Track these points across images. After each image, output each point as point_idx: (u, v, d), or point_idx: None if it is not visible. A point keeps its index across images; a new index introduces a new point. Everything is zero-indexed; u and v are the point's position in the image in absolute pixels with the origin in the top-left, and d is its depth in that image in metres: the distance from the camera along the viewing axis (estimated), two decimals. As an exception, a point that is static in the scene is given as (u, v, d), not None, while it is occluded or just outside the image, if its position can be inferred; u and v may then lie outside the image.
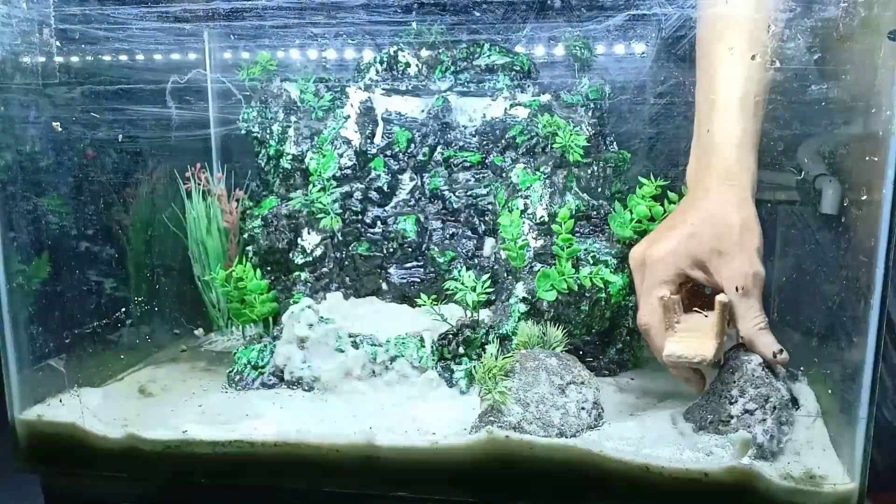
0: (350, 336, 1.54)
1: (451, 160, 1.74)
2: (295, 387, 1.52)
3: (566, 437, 1.22)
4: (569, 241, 1.48)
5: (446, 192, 1.73)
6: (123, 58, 1.82)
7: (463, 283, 1.51)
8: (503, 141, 1.73)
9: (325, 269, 1.75)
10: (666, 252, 1.29)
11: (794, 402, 1.32)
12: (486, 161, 1.74)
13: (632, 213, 1.52)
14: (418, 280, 1.72)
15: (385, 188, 1.74)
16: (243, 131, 1.87)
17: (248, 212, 1.89)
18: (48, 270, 1.54)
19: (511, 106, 1.74)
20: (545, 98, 1.74)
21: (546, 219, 1.58)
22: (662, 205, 1.51)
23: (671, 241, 1.30)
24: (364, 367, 1.50)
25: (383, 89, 1.81)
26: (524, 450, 1.19)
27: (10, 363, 1.41)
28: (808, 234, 1.56)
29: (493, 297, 1.63)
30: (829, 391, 1.35)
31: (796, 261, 1.63)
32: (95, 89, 1.72)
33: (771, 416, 1.20)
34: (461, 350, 1.49)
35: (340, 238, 1.74)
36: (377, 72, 1.81)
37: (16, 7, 1.46)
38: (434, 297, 1.55)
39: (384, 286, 1.74)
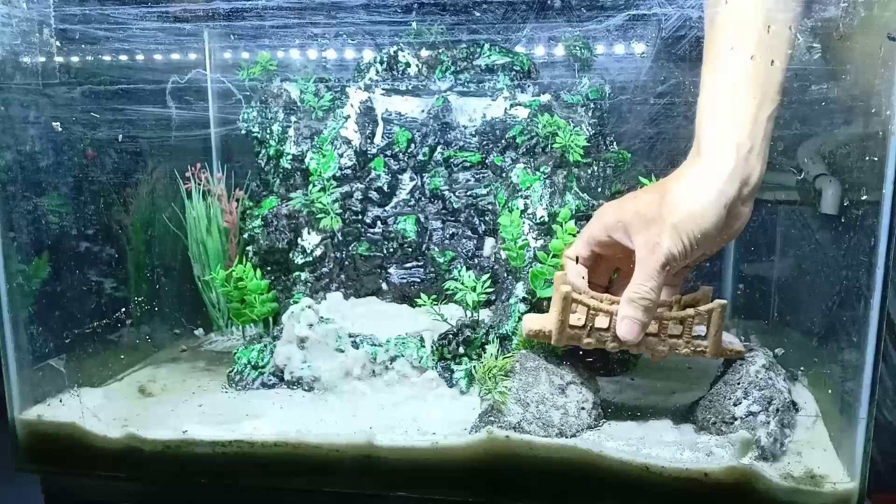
0: (350, 336, 1.54)
1: (451, 160, 1.74)
2: (295, 387, 1.52)
3: (566, 437, 1.22)
4: (569, 242, 1.48)
5: (446, 192, 1.73)
6: (123, 58, 1.82)
7: (463, 283, 1.51)
8: (503, 141, 1.72)
9: (325, 269, 1.75)
10: (604, 208, 1.31)
11: (794, 404, 1.32)
12: (486, 161, 1.74)
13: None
14: (418, 280, 1.72)
15: (385, 188, 1.74)
16: (243, 131, 1.87)
17: (248, 212, 1.89)
18: (48, 270, 1.54)
19: (511, 106, 1.74)
20: (545, 98, 1.74)
21: (546, 219, 1.58)
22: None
23: (617, 201, 1.30)
24: (364, 367, 1.50)
25: (383, 89, 1.81)
26: (524, 450, 1.19)
27: (10, 363, 1.41)
28: (808, 234, 1.56)
29: (493, 297, 1.63)
30: (830, 391, 1.35)
31: (796, 261, 1.64)
32: (95, 89, 1.72)
33: (774, 419, 1.20)
34: (461, 350, 1.49)
35: (340, 238, 1.74)
36: (377, 72, 1.81)
37: (16, 7, 1.46)
38: (434, 297, 1.55)
39: (384, 286, 1.74)
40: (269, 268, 1.80)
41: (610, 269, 1.36)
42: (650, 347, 1.22)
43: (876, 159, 1.09)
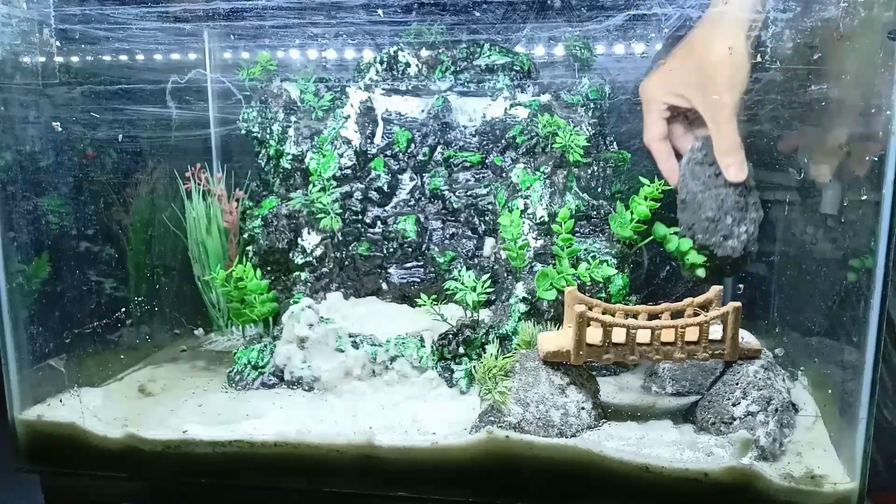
0: (350, 336, 1.54)
1: (451, 160, 1.74)
2: (295, 387, 1.52)
3: (566, 437, 1.22)
4: (569, 241, 1.48)
5: (446, 192, 1.73)
6: (123, 58, 1.82)
7: (463, 283, 1.51)
8: (503, 141, 1.72)
9: (325, 269, 1.75)
10: (650, 85, 1.52)
11: (793, 405, 1.32)
12: (486, 161, 1.74)
13: (632, 213, 1.52)
14: (418, 280, 1.72)
15: (385, 188, 1.74)
16: (243, 131, 1.87)
17: (248, 212, 1.89)
18: (48, 270, 1.54)
19: (511, 106, 1.74)
20: (545, 98, 1.74)
21: (546, 219, 1.58)
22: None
23: (657, 73, 1.51)
24: (364, 367, 1.50)
25: (383, 89, 1.81)
26: (524, 450, 1.19)
27: (10, 363, 1.41)
28: (808, 233, 1.56)
29: (493, 297, 1.63)
30: (830, 391, 1.35)
31: (795, 260, 1.63)
32: (95, 89, 1.72)
33: (773, 419, 1.20)
34: (461, 350, 1.49)
35: (340, 238, 1.74)
36: (377, 72, 1.81)
37: (16, 7, 1.46)
38: (434, 297, 1.55)
39: (384, 286, 1.74)
40: (269, 268, 1.80)
41: (686, 126, 1.53)
42: (668, 356, 1.23)
43: (876, 159, 1.09)
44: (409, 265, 1.72)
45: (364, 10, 1.65)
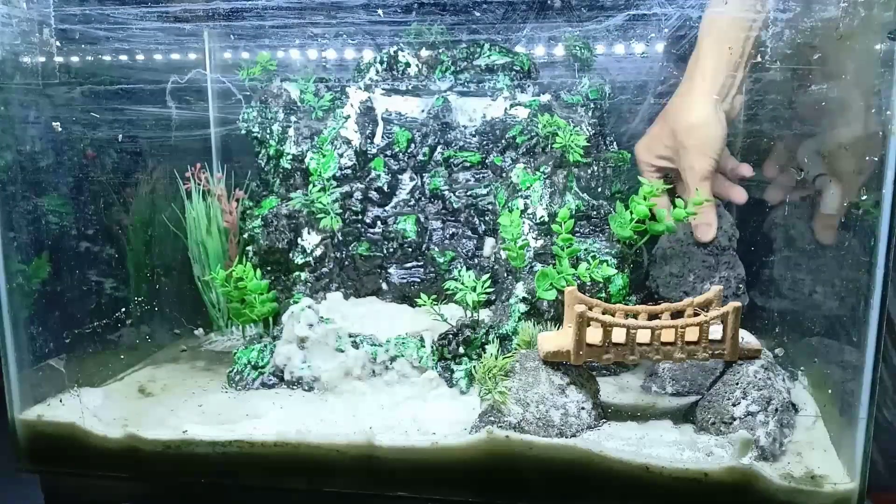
0: (350, 336, 1.54)
1: (451, 160, 1.74)
2: (295, 387, 1.52)
3: (566, 437, 1.22)
4: (569, 241, 1.48)
5: (446, 192, 1.73)
6: (123, 58, 1.82)
7: (463, 283, 1.51)
8: (503, 141, 1.73)
9: (325, 269, 1.75)
10: (639, 147, 1.66)
11: (793, 405, 1.32)
12: (486, 161, 1.74)
13: (632, 213, 1.53)
14: (418, 280, 1.72)
15: (385, 188, 1.74)
16: (243, 131, 1.87)
17: (248, 212, 1.89)
18: (48, 270, 1.54)
19: (511, 106, 1.74)
20: (545, 98, 1.74)
21: (546, 219, 1.58)
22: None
23: (645, 137, 1.66)
24: (364, 367, 1.50)
25: (383, 89, 1.81)
26: (524, 450, 1.19)
27: (10, 363, 1.41)
28: (808, 233, 1.57)
29: (493, 297, 1.63)
30: (830, 392, 1.35)
31: (795, 261, 1.64)
32: (95, 89, 1.72)
33: (773, 419, 1.20)
34: (461, 350, 1.49)
35: (340, 238, 1.74)
36: (377, 72, 1.81)
37: (16, 7, 1.46)
38: (434, 297, 1.55)
39: (384, 286, 1.74)
40: (269, 268, 1.80)
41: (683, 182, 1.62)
42: (668, 356, 1.23)
43: (876, 159, 1.09)
44: (409, 265, 1.72)
45: (364, 10, 1.65)
